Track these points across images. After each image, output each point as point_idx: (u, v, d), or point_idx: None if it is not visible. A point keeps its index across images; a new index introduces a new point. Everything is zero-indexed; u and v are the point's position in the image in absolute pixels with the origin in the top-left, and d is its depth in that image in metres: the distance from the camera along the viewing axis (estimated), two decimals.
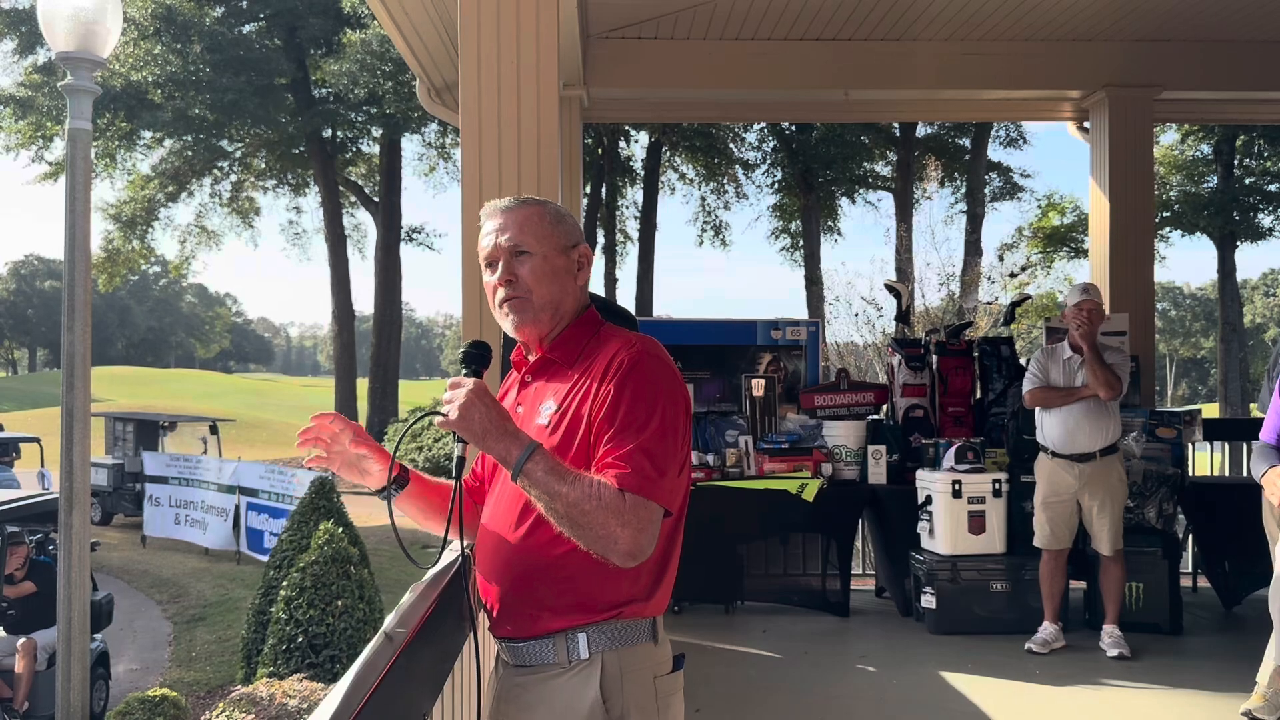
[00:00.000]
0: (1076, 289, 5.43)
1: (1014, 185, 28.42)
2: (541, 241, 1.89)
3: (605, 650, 1.81)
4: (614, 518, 1.69)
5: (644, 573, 1.82)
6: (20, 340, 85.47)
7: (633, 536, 1.70)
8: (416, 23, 6.10)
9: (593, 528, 1.70)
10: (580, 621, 1.81)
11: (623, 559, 1.72)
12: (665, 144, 27.28)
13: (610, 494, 1.70)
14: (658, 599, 1.87)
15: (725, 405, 6.60)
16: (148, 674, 10.82)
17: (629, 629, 1.83)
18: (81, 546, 5.44)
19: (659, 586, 1.86)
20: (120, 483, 18.67)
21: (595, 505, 1.69)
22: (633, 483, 1.71)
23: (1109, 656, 5.25)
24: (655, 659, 1.87)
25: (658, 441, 1.75)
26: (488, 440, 1.74)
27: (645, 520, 1.71)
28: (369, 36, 23.07)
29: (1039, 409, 5.39)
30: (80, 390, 5.39)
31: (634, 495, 1.70)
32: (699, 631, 5.77)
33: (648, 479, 1.72)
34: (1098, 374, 5.15)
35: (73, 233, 5.51)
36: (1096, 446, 5.26)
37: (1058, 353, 5.42)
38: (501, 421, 1.76)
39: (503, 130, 4.05)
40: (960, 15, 6.78)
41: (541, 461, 1.72)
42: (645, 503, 1.71)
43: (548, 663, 1.83)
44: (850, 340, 16.27)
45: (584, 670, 1.81)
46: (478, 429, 1.74)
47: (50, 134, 26.05)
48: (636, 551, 1.72)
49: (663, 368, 1.83)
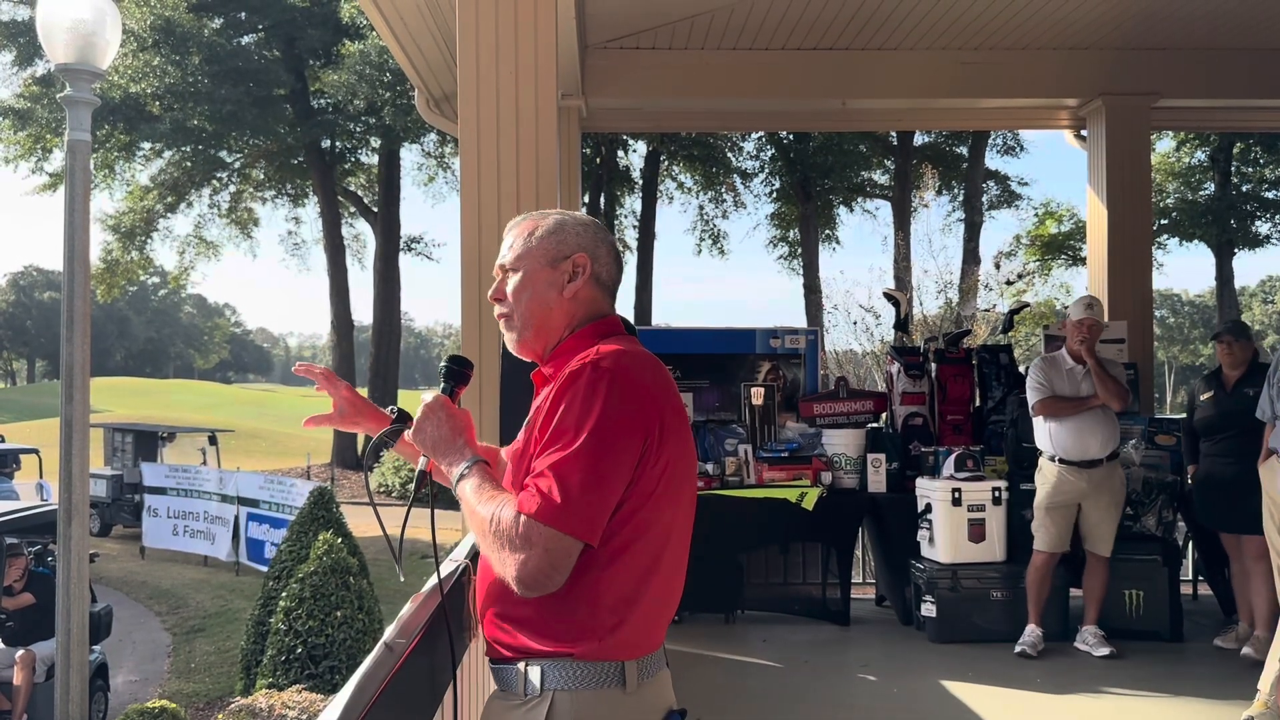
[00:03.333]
0: (1081, 304, 5.49)
1: (1011, 193, 28.47)
2: (523, 257, 1.86)
3: (559, 689, 1.66)
4: (507, 544, 1.59)
5: (600, 609, 1.66)
6: (19, 351, 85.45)
7: (521, 564, 1.58)
8: (415, 33, 6.12)
9: (492, 551, 1.64)
10: (533, 653, 1.69)
11: (518, 587, 1.60)
12: (663, 153, 27.32)
13: (508, 518, 1.60)
14: (625, 640, 1.68)
15: (724, 414, 6.60)
16: (147, 685, 10.80)
17: (588, 670, 1.66)
18: (80, 558, 5.42)
19: (623, 626, 1.67)
20: (119, 494, 18.66)
21: (494, 528, 1.61)
22: (531, 506, 1.58)
23: (1097, 656, 5.28)
24: (623, 709, 1.68)
25: (577, 461, 1.59)
26: (436, 453, 1.77)
27: (540, 548, 1.57)
28: (368, 47, 23.11)
29: (1044, 419, 5.42)
30: (79, 401, 5.39)
31: (529, 519, 1.58)
32: (699, 640, 5.75)
33: (550, 504, 1.57)
34: (1109, 386, 5.26)
35: (72, 244, 5.51)
36: (1104, 453, 5.34)
37: (1059, 362, 5.45)
38: (452, 436, 1.77)
39: (501, 140, 4.06)
40: (957, 25, 6.80)
41: (472, 479, 1.71)
42: (541, 528, 1.57)
43: (511, 689, 1.73)
44: (849, 348, 16.29)
45: (535, 707, 1.67)
46: (429, 441, 1.78)
47: (49, 145, 26.08)
48: (529, 581, 1.58)
49: (611, 379, 1.65)
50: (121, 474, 18.83)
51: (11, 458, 18.37)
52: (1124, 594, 5.66)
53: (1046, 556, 5.39)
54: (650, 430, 1.67)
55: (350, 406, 2.10)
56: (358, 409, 2.11)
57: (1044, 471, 5.43)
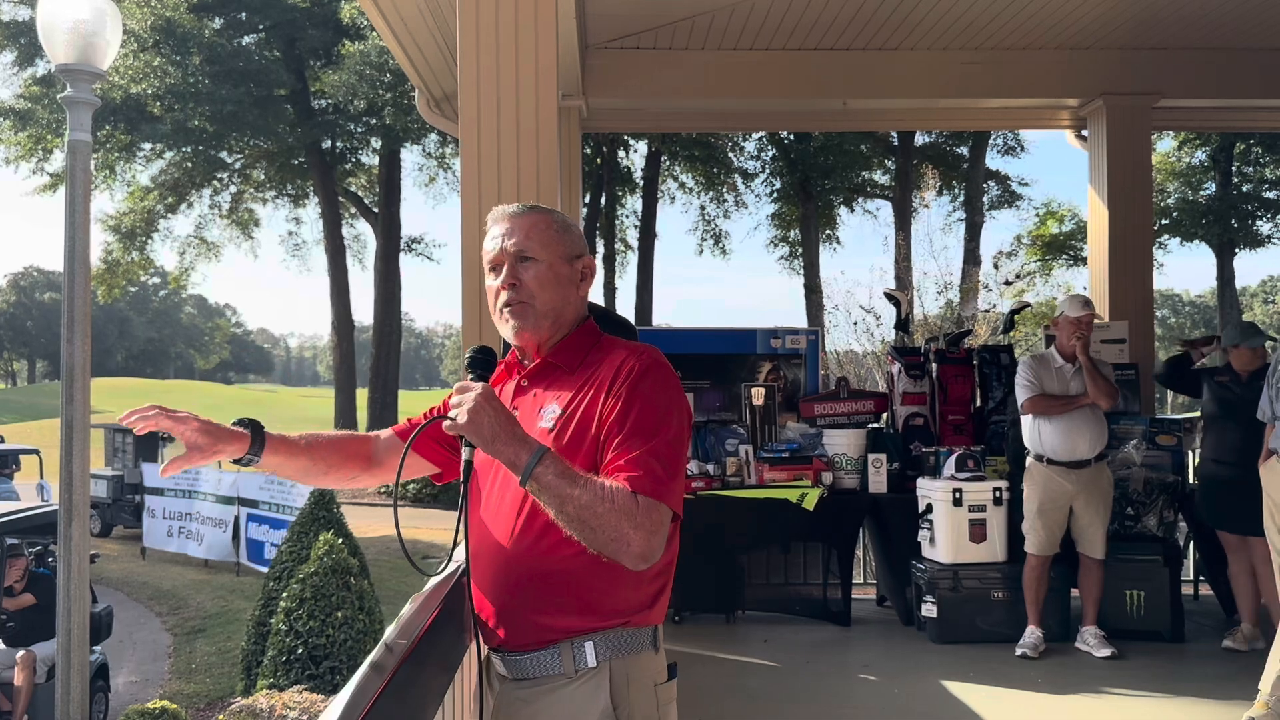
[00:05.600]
0: (1076, 301, 5.46)
1: (1012, 193, 28.49)
2: (547, 248, 1.90)
3: (613, 658, 1.81)
4: (627, 520, 1.70)
5: (648, 579, 1.84)
6: (19, 352, 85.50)
7: (645, 539, 1.72)
8: (416, 34, 6.12)
9: (605, 530, 1.70)
10: (587, 629, 1.81)
11: (634, 561, 1.73)
12: (664, 153, 27.33)
13: (624, 497, 1.71)
14: (659, 607, 1.89)
15: (725, 414, 6.60)
16: (147, 686, 10.80)
17: (633, 637, 1.83)
18: (81, 558, 5.42)
19: (662, 594, 1.88)
20: (120, 494, 18.66)
21: (609, 508, 1.69)
22: (645, 486, 1.73)
23: (1099, 657, 5.27)
24: (655, 667, 1.88)
25: (667, 447, 1.78)
26: (497, 444, 1.73)
27: (656, 523, 1.73)
28: (368, 48, 23.12)
29: (1033, 418, 5.41)
30: (80, 402, 5.39)
31: (646, 498, 1.72)
32: (700, 641, 5.75)
33: (660, 482, 1.74)
34: (1100, 385, 5.24)
35: (72, 244, 5.51)
36: (1094, 453, 5.34)
37: (1048, 360, 5.44)
38: (510, 426, 1.74)
39: (502, 140, 4.05)
40: (958, 25, 6.80)
41: (552, 465, 1.71)
42: (657, 505, 1.73)
43: (552, 674, 1.81)
44: (850, 348, 16.24)
45: (592, 679, 1.80)
46: (487, 433, 1.72)
47: (50, 146, 26.09)
48: (648, 553, 1.73)
49: (671, 377, 1.87)
50: (122, 475, 18.82)
51: (12, 458, 18.36)
52: (1125, 594, 5.65)
53: (1039, 559, 5.39)
54: (691, 417, 1.92)
55: (205, 437, 1.94)
56: (214, 437, 1.95)
57: (1032, 473, 5.43)
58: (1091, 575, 5.43)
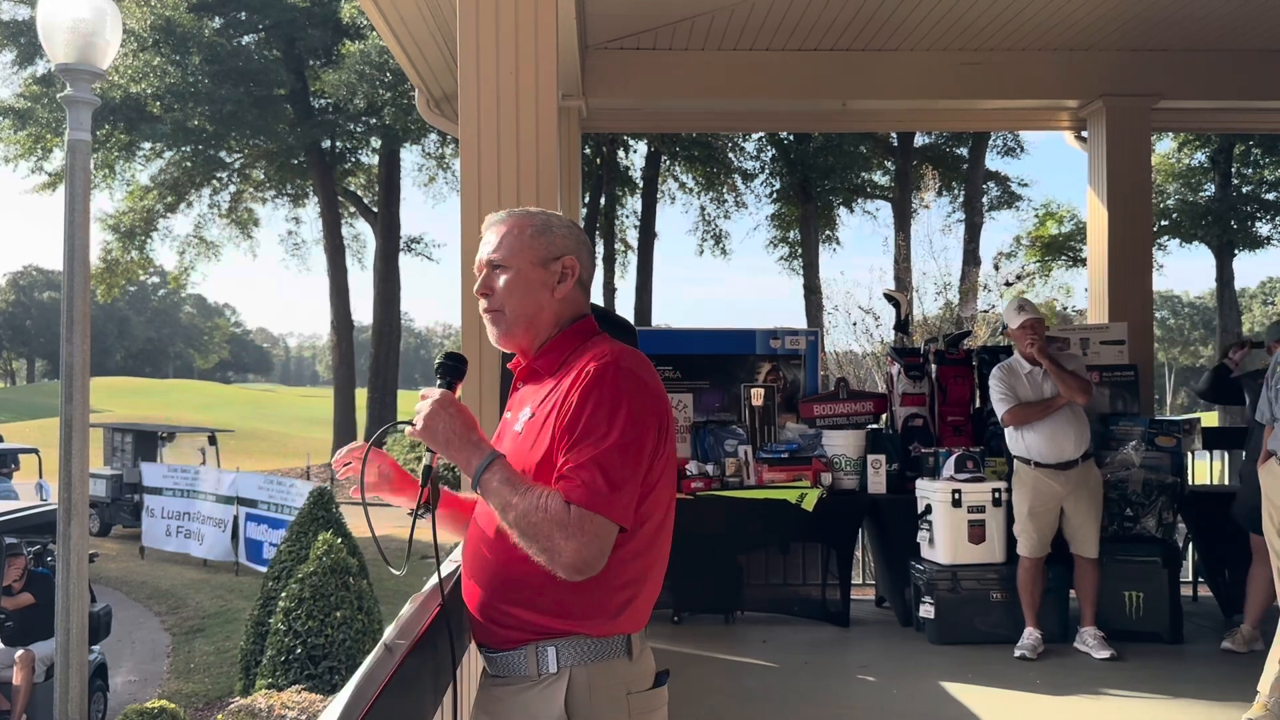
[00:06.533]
0: (1012, 309, 5.54)
1: (1011, 194, 28.50)
2: (516, 255, 1.90)
3: (575, 665, 1.79)
4: (559, 530, 1.68)
5: (615, 589, 1.80)
6: (19, 351, 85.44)
7: (577, 550, 1.68)
8: (415, 34, 6.12)
9: (540, 539, 1.69)
10: (550, 633, 1.80)
11: (567, 572, 1.70)
12: (664, 153, 27.33)
13: (557, 506, 1.69)
14: (631, 616, 1.84)
15: (725, 414, 6.59)
16: (146, 686, 10.80)
17: (600, 645, 1.81)
18: (80, 558, 5.42)
19: (631, 605, 1.83)
20: (119, 494, 18.67)
21: (541, 517, 1.68)
22: (580, 496, 1.69)
23: (1099, 658, 5.27)
24: (629, 675, 1.84)
25: (615, 455, 1.72)
26: (450, 449, 1.79)
27: (591, 534, 1.68)
28: (368, 47, 23.12)
29: (1014, 427, 5.43)
30: (79, 401, 5.39)
31: (580, 509, 1.68)
32: (699, 642, 5.75)
33: (597, 493, 1.69)
34: (1070, 381, 5.27)
35: (72, 243, 5.51)
36: (1079, 453, 5.36)
37: (1015, 369, 5.48)
38: (465, 431, 1.79)
39: (502, 140, 4.05)
40: (958, 26, 6.80)
41: (498, 472, 1.74)
42: (592, 516, 1.69)
43: (520, 674, 1.82)
44: (849, 349, 16.24)
45: (552, 684, 1.79)
46: (441, 438, 1.79)
47: (49, 145, 26.09)
48: (581, 565, 1.69)
49: (631, 379, 1.78)
50: (121, 474, 18.83)
51: (11, 457, 18.37)
52: (1124, 595, 5.65)
53: (1032, 561, 5.41)
54: (660, 425, 1.81)
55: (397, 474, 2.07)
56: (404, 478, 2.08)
57: (1021, 477, 5.44)
58: (1087, 575, 5.44)
